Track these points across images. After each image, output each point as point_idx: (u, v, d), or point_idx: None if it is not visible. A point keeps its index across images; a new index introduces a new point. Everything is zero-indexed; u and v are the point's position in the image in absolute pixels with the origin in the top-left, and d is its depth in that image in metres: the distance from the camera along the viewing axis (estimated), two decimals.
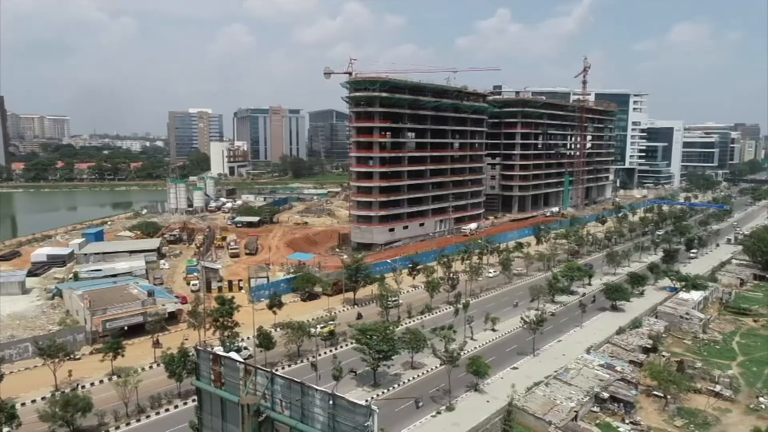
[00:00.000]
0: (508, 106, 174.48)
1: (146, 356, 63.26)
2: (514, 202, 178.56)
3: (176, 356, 53.67)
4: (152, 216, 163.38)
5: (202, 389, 30.97)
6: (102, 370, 58.94)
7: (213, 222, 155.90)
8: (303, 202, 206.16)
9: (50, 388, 54.92)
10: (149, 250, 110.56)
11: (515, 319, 76.37)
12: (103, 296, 75.11)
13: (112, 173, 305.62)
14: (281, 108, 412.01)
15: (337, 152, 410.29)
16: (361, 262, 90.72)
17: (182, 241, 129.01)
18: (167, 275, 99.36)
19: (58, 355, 55.94)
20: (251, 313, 68.68)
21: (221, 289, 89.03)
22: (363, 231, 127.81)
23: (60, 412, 45.45)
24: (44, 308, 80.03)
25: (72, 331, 67.44)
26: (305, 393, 26.02)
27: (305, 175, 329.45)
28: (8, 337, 67.60)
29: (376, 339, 56.78)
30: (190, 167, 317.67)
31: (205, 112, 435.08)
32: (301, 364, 62.94)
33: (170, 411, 52.36)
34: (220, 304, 66.12)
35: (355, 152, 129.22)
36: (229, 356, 30.18)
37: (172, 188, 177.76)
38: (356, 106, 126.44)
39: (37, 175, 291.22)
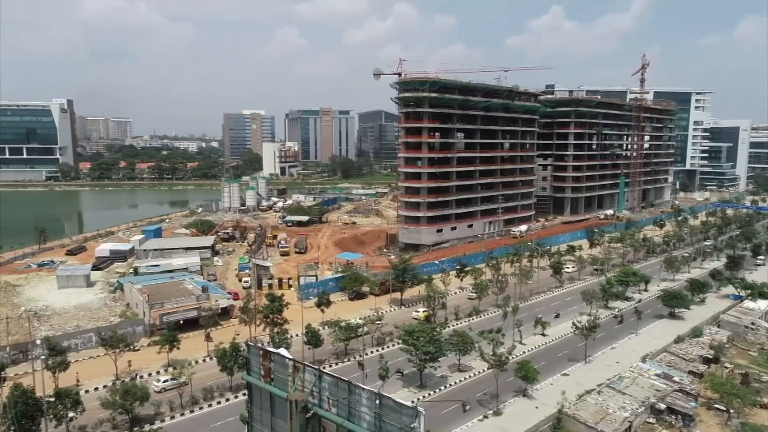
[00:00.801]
0: (561, 106, 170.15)
1: (200, 350, 65.42)
2: (566, 203, 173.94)
3: (228, 351, 55.24)
4: (207, 214, 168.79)
5: (252, 384, 31.75)
6: (159, 362, 61.40)
7: (264, 221, 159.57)
8: (351, 202, 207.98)
9: (111, 376, 57.67)
10: (204, 247, 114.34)
11: (566, 324, 74.35)
12: (160, 291, 78.30)
13: (171, 173, 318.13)
14: (331, 109, 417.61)
15: (386, 153, 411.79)
16: (409, 262, 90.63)
17: (235, 239, 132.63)
18: (220, 272, 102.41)
19: (119, 346, 58.77)
20: (300, 311, 69.85)
21: (271, 286, 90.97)
22: (411, 231, 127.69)
23: (120, 400, 47.64)
24: (107, 301, 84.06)
25: (132, 324, 70.64)
26: (352, 392, 26.24)
27: (354, 175, 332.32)
28: (74, 327, 71.50)
29: (423, 340, 56.57)
30: (244, 167, 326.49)
31: (258, 113, 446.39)
32: (348, 363, 63.50)
33: (222, 403, 53.97)
34: (271, 301, 67.58)
35: (403, 153, 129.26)
36: (279, 352, 30.80)
37: (226, 188, 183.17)
38: (405, 107, 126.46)
39: (101, 174, 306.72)
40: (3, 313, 73.24)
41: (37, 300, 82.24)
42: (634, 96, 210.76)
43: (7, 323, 68.23)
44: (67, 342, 63.02)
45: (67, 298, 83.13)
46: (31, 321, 70.88)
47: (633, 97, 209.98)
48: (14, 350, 60.93)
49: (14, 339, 64.88)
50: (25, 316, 72.42)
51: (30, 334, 65.87)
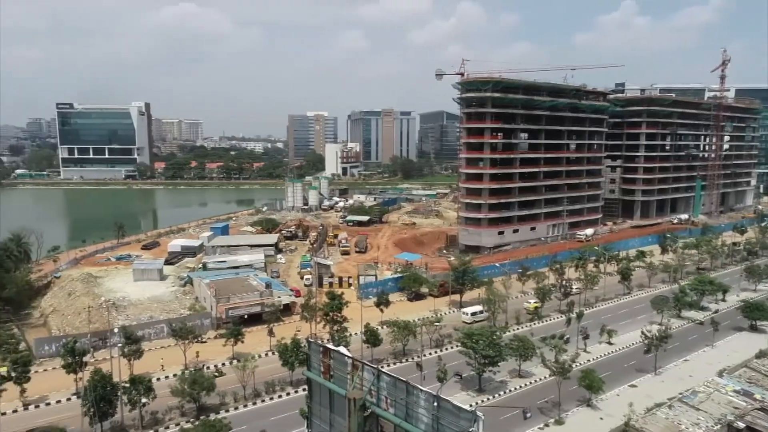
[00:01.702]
0: (632, 105, 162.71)
1: (262, 344, 67.39)
2: (636, 207, 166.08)
3: (289, 346, 56.60)
4: (271, 213, 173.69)
5: (312, 379, 32.28)
6: (224, 354, 63.83)
7: (326, 220, 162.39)
8: (411, 202, 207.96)
9: (180, 366, 60.47)
10: (268, 244, 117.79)
11: (635, 333, 71.02)
12: (226, 286, 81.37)
13: (238, 172, 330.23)
14: (392, 110, 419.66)
15: (447, 153, 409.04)
16: (469, 264, 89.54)
17: (297, 238, 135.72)
18: (283, 269, 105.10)
19: (187, 337, 61.55)
20: (359, 310, 70.56)
21: (332, 284, 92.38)
22: (471, 233, 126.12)
23: (188, 389, 49.90)
24: (177, 294, 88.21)
25: (200, 316, 73.84)
26: (410, 392, 26.14)
27: (414, 176, 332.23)
28: (148, 318, 75.59)
29: (483, 344, 55.70)
30: (307, 167, 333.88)
31: (321, 114, 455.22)
32: (406, 363, 63.53)
33: (282, 397, 55.39)
34: (331, 299, 68.67)
35: (464, 153, 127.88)
36: (339, 350, 31.17)
37: (289, 187, 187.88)
38: (467, 107, 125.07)
39: (174, 173, 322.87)
40: (85, 302, 78.50)
41: (116, 291, 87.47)
42: (713, 94, 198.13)
43: (88, 312, 73.00)
44: (141, 331, 66.66)
45: (142, 290, 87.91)
46: (110, 311, 75.54)
47: (712, 95, 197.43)
48: (95, 337, 65.14)
49: (94, 327, 69.28)
50: (104, 306, 77.24)
51: (108, 322, 70.22)
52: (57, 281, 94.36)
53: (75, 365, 53.50)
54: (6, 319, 77.12)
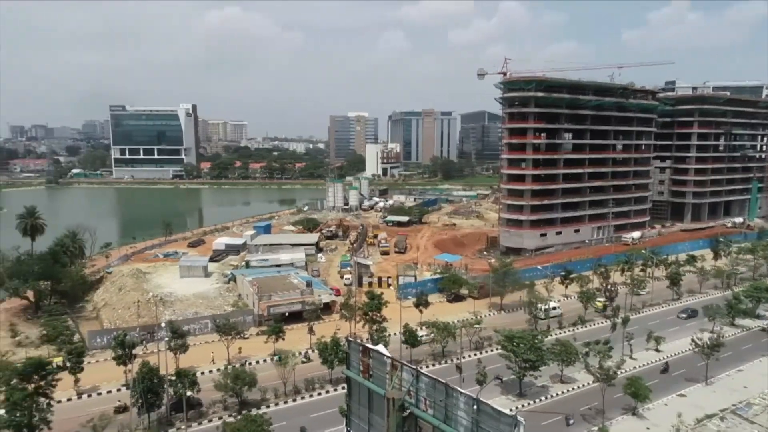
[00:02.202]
0: (683, 104, 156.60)
1: (302, 342, 68.28)
2: (687, 209, 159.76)
3: (329, 345, 57.18)
4: (312, 213, 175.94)
5: (351, 378, 32.52)
6: (265, 351, 65.04)
7: (366, 220, 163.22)
8: (452, 203, 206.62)
9: (224, 361, 61.99)
10: (309, 243, 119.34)
11: (684, 340, 68.37)
12: (268, 284, 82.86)
13: (280, 172, 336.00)
14: (433, 110, 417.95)
15: (488, 154, 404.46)
16: (510, 266, 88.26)
17: (338, 237, 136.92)
18: (323, 268, 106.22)
19: (231, 333, 63.05)
20: (398, 310, 70.58)
21: (371, 284, 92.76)
22: (512, 235, 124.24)
23: (231, 384, 51.11)
24: (221, 291, 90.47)
25: (243, 313, 75.51)
26: (449, 394, 25.98)
27: (455, 176, 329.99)
28: (193, 314, 77.80)
29: (524, 347, 54.79)
30: (347, 168, 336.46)
31: (361, 115, 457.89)
32: (445, 365, 63.16)
33: (322, 395, 56.00)
34: (370, 299, 68.96)
35: (506, 154, 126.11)
36: (378, 350, 31.28)
37: (330, 187, 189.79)
38: (510, 107, 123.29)
39: (219, 173, 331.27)
40: (134, 297, 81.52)
41: (163, 287, 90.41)
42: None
43: (137, 306, 75.85)
44: (187, 326, 68.68)
45: (188, 287, 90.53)
46: (158, 306, 78.18)
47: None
48: (143, 331, 67.56)
49: (143, 321, 71.93)
50: (152, 300, 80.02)
51: (156, 317, 72.69)
52: (109, 276, 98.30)
53: (125, 357, 55.62)
54: (61, 311, 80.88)
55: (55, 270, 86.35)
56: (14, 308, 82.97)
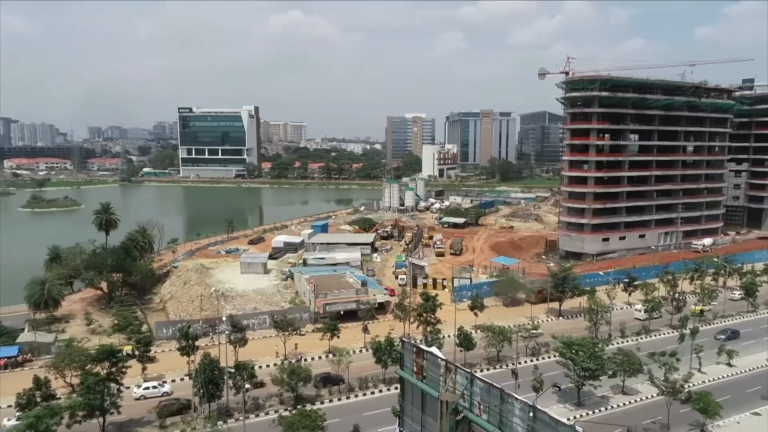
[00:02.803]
0: (763, 103, 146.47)
1: (357, 341, 68.94)
2: (765, 216, 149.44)
3: (383, 344, 57.44)
4: (368, 213, 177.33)
5: (405, 379, 32.54)
6: (320, 348, 66.13)
7: (422, 221, 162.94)
8: (509, 205, 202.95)
9: (280, 356, 63.53)
10: (364, 243, 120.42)
11: (761, 355, 64.09)
12: (324, 282, 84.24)
13: (338, 173, 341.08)
14: (492, 111, 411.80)
15: (548, 156, 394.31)
16: (569, 271, 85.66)
17: (393, 238, 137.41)
18: (378, 268, 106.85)
19: (287, 329, 64.52)
20: (453, 312, 69.96)
21: (426, 285, 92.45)
22: (573, 239, 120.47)
23: (287, 378, 52.32)
24: (279, 288, 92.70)
25: (299, 310, 77.12)
26: (504, 400, 25.52)
27: (513, 178, 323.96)
28: (252, 309, 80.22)
29: (583, 355, 52.97)
30: (404, 168, 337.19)
31: (419, 116, 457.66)
32: (500, 370, 62.08)
33: (375, 394, 56.32)
34: (425, 300, 68.76)
35: (568, 156, 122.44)
36: (432, 351, 31.15)
37: (386, 188, 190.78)
38: (572, 107, 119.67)
39: (279, 173, 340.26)
40: (198, 291, 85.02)
41: (224, 282, 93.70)
42: None
43: (201, 300, 79.02)
44: (246, 321, 70.84)
45: (248, 283, 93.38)
46: (219, 300, 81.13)
47: None
48: (205, 324, 70.29)
49: (205, 314, 74.83)
50: (214, 295, 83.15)
51: (218, 311, 75.46)
52: (175, 270, 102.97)
53: (188, 348, 58.11)
54: (131, 302, 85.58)
55: (127, 263, 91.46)
56: (89, 298, 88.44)
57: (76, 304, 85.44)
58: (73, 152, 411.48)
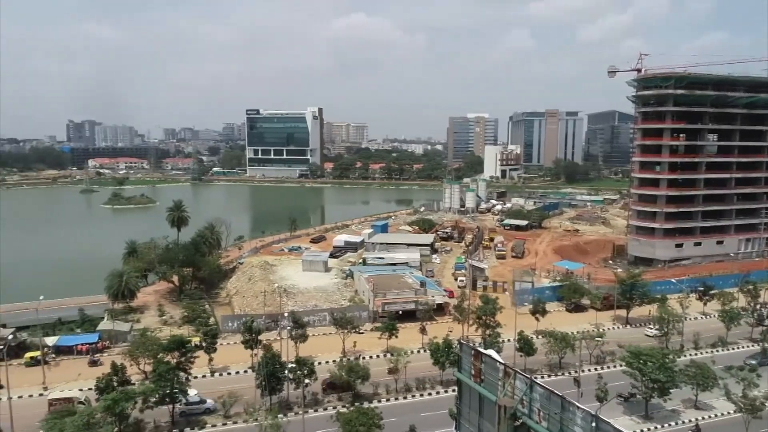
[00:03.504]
0: None
1: (414, 341, 68.92)
2: None
3: (441, 346, 57.15)
4: (428, 213, 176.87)
5: (462, 381, 32.28)
6: (378, 347, 66.61)
7: (482, 223, 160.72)
8: (575, 208, 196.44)
9: (339, 353, 64.53)
10: (424, 244, 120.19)
11: None
12: (384, 281, 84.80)
13: (398, 173, 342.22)
14: (557, 111, 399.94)
15: (617, 156, 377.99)
16: (638, 278, 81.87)
17: (453, 239, 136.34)
18: (437, 269, 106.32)
19: (347, 327, 65.48)
20: (513, 316, 68.57)
21: (486, 288, 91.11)
22: (643, 244, 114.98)
23: (345, 376, 53.08)
24: (339, 286, 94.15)
25: (358, 308, 78.04)
26: (565, 408, 24.81)
27: (579, 180, 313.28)
28: (313, 306, 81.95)
29: (652, 366, 50.47)
30: (465, 169, 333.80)
31: (481, 117, 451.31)
32: (561, 377, 60.26)
33: (432, 395, 56.14)
34: (484, 303, 67.84)
35: (639, 156, 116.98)
36: (490, 355, 30.72)
37: (447, 189, 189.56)
38: (644, 106, 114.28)
39: (341, 173, 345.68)
40: (262, 287, 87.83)
41: (287, 279, 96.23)
42: None
43: (264, 296, 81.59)
44: (307, 318, 72.51)
45: (309, 280, 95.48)
46: (282, 296, 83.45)
47: None
48: (268, 319, 72.51)
49: (268, 310, 77.17)
50: (277, 291, 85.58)
51: (280, 307, 77.63)
52: (240, 267, 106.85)
53: (252, 342, 60.17)
54: (200, 296, 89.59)
55: (197, 258, 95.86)
56: (162, 290, 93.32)
57: (150, 296, 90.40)
58: (150, 152, 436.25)
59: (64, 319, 76.37)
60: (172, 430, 49.42)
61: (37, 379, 57.86)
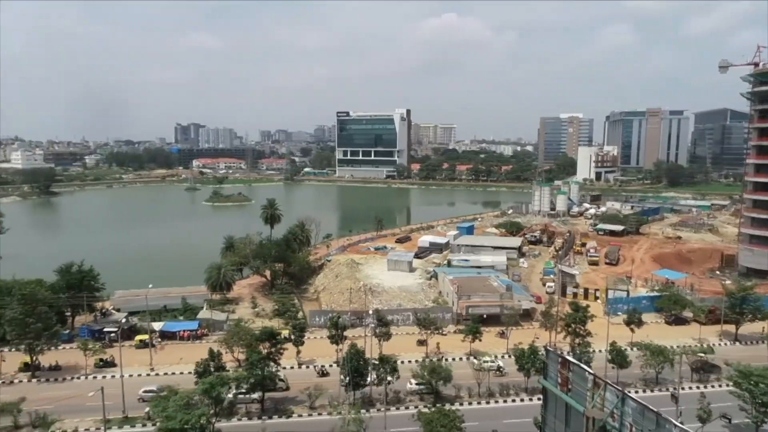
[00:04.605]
0: None
1: (499, 345, 67.60)
2: None
3: (526, 352, 55.63)
4: (516, 216, 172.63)
5: (548, 389, 31.31)
6: (461, 349, 66.03)
7: (574, 227, 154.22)
8: (678, 213, 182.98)
9: (422, 354, 64.68)
10: (511, 247, 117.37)
11: None
12: (468, 284, 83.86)
13: (486, 175, 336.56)
14: (660, 110, 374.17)
15: (729, 158, 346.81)
16: (750, 290, 74.72)
17: (542, 243, 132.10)
18: (525, 273, 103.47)
19: (430, 328, 65.52)
20: (605, 326, 65.26)
21: (576, 295, 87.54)
22: (756, 254, 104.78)
23: (427, 376, 53.14)
24: (423, 286, 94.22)
25: (442, 310, 77.80)
26: (661, 425, 23.36)
27: (683, 183, 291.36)
28: (397, 305, 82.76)
29: (764, 387, 45.94)
30: (556, 171, 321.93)
31: (575, 116, 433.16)
32: (658, 393, 56.51)
33: (516, 402, 54.76)
34: (574, 310, 65.14)
35: (754, 159, 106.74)
36: (579, 364, 29.56)
37: (537, 191, 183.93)
38: (761, 103, 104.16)
39: (427, 174, 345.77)
40: (348, 284, 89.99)
41: (372, 277, 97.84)
42: None
43: (350, 293, 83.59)
44: (390, 316, 73.27)
45: (393, 280, 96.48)
46: (367, 294, 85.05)
47: None
48: (353, 316, 74.23)
49: (353, 307, 78.98)
50: (362, 289, 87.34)
51: (365, 304, 79.15)
52: (328, 264, 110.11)
53: (337, 337, 61.88)
54: (290, 290, 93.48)
55: (287, 255, 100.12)
56: (255, 284, 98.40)
57: (245, 288, 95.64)
58: (247, 153, 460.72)
59: (168, 306, 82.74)
60: (261, 416, 52.03)
61: (145, 360, 63.21)
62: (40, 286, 67.80)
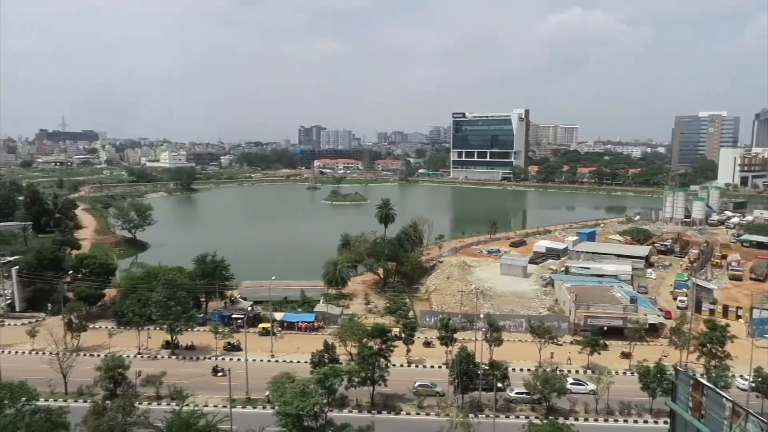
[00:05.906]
0: None
1: (619, 361, 63.23)
2: None
3: (652, 370, 51.44)
4: (644, 223, 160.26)
5: (676, 413, 28.74)
6: (578, 362, 62.66)
7: (712, 237, 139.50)
8: None
9: (534, 363, 62.36)
10: (637, 256, 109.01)
11: None
12: (587, 293, 79.36)
13: (610, 178, 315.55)
14: None
15: None
16: None
17: (673, 253, 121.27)
18: (652, 285, 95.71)
19: (544, 336, 62.95)
20: (748, 349, 58.17)
21: (713, 312, 79.21)
22: None
23: (540, 386, 51.13)
24: (538, 293, 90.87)
25: (558, 318, 74.38)
26: None
27: None
28: (509, 311, 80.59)
29: None
30: (692, 175, 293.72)
31: (717, 115, 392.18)
32: None
33: (638, 423, 50.90)
34: (711, 329, 59.10)
35: None
36: (715, 388, 26.75)
37: (669, 196, 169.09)
38: None
39: (546, 176, 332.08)
40: (459, 286, 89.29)
41: (484, 281, 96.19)
42: None
43: (461, 295, 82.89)
44: (502, 322, 71.51)
45: (506, 284, 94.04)
46: (478, 297, 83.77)
47: None
48: (464, 319, 73.48)
49: (464, 309, 78.15)
50: (474, 292, 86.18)
51: (476, 308, 78.03)
52: (440, 265, 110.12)
53: (447, 339, 61.66)
54: (402, 289, 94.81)
55: (400, 254, 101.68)
56: (369, 281, 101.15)
57: (359, 285, 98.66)
58: (364, 154, 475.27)
59: (289, 298, 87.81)
60: (371, 410, 53.39)
61: (267, 347, 67.72)
62: (180, 273, 75.76)
